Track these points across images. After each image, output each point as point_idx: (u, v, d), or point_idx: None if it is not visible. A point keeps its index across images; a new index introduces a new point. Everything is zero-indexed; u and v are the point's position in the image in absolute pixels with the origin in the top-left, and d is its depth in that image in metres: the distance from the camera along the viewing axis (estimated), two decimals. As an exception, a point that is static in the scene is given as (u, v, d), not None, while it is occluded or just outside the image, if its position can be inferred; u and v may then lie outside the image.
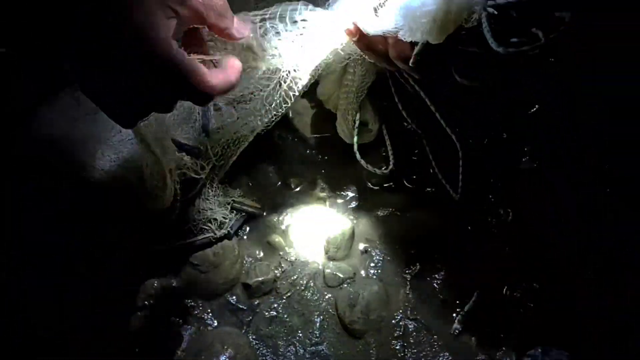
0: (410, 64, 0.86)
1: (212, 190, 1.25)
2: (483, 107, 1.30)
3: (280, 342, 1.27)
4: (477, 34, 0.77)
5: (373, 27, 0.86)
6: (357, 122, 1.24)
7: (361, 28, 0.89)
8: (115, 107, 0.65)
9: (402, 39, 0.82)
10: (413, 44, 0.84)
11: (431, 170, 1.34)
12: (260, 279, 1.31)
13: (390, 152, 1.29)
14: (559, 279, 1.27)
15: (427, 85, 1.15)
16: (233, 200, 1.31)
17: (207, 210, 1.28)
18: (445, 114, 1.20)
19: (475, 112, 1.30)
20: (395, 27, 0.82)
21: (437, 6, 0.77)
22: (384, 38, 0.88)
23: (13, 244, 1.18)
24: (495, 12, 0.75)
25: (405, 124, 1.30)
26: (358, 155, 1.27)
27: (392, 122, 1.31)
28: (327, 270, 1.34)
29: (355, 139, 1.26)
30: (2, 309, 1.16)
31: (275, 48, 0.87)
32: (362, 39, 0.91)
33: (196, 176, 1.17)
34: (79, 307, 1.23)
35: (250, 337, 1.28)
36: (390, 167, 1.30)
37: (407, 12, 0.79)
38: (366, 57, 1.00)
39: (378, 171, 1.28)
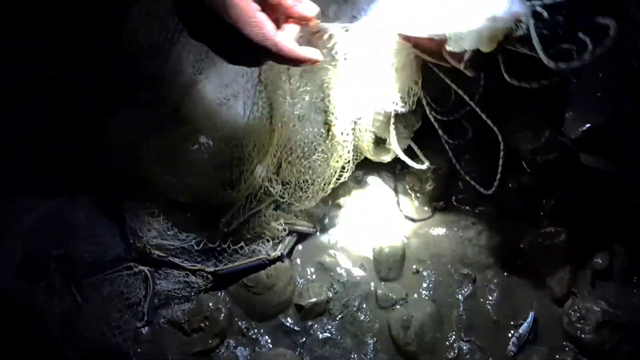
0: (462, 68, 0.87)
1: (267, 211, 1.25)
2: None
3: (334, 364, 1.28)
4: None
5: (420, 32, 0.89)
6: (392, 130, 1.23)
7: (408, 35, 0.92)
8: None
9: (451, 49, 0.83)
10: None
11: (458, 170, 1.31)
12: (313, 300, 1.31)
13: (421, 155, 1.27)
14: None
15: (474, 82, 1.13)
16: (285, 221, 1.31)
17: (261, 230, 1.28)
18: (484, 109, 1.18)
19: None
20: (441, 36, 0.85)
21: (482, 25, 0.79)
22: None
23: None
24: (545, 12, 0.76)
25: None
26: (400, 152, 1.22)
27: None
28: (380, 291, 1.34)
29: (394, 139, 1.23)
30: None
31: None
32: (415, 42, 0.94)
33: (272, 191, 1.18)
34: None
35: (304, 358, 1.28)
36: (426, 165, 1.27)
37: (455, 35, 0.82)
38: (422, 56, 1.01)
39: (416, 166, 1.24)
